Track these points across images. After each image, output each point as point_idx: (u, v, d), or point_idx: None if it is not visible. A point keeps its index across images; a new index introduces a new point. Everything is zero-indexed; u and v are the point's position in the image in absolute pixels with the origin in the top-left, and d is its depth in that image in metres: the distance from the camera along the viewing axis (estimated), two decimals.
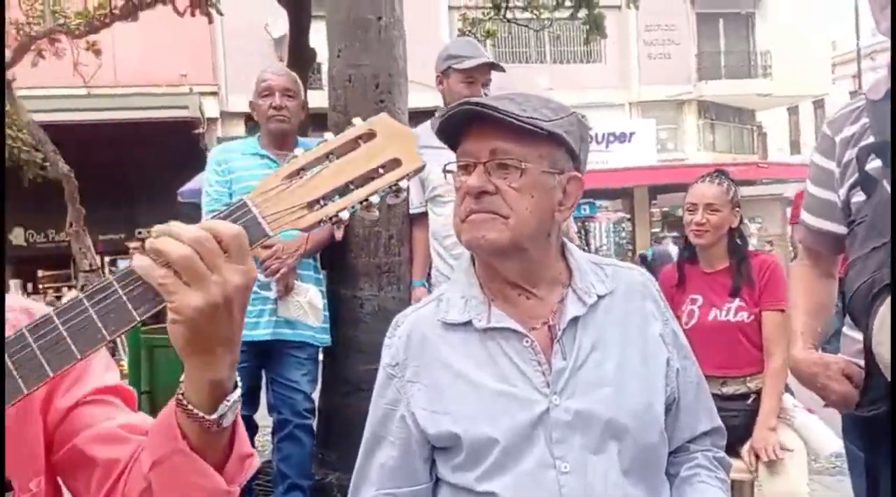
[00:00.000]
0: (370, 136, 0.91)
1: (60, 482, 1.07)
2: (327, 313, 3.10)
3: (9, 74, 8.35)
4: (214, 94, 15.35)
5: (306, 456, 3.01)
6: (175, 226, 0.82)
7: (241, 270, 0.82)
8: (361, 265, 3.24)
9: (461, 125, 1.31)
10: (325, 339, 3.09)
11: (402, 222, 3.23)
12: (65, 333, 0.83)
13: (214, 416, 0.86)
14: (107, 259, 13.76)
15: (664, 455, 1.35)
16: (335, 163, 0.89)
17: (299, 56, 8.25)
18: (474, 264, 1.39)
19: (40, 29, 9.37)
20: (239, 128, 15.40)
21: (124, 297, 0.83)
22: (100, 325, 0.83)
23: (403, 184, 0.92)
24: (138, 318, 0.85)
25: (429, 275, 3.19)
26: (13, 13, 10.13)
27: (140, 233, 14.08)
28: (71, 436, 1.01)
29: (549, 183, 1.29)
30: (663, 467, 1.35)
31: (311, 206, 0.88)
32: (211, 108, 15.05)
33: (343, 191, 0.89)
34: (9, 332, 0.92)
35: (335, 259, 3.27)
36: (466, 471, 1.28)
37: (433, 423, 1.29)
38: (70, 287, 13.36)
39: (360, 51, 3.22)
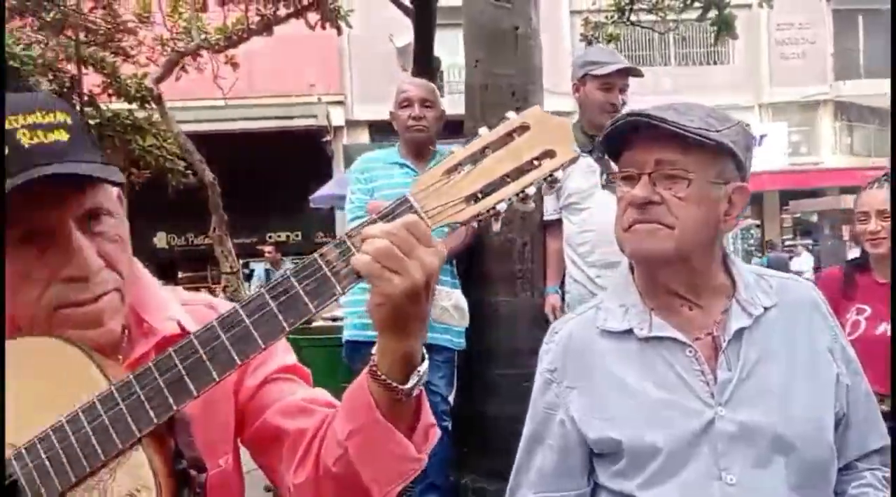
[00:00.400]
0: (524, 129, 0.94)
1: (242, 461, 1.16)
2: None
3: (158, 89, 8.94)
4: (341, 103, 15.84)
5: (443, 457, 3.07)
6: (369, 228, 0.90)
7: (433, 252, 0.90)
8: (496, 271, 3.30)
9: (623, 135, 1.33)
10: (462, 342, 3.15)
11: (537, 229, 3.26)
12: (250, 325, 0.92)
13: (407, 386, 0.93)
14: (240, 262, 14.46)
15: (834, 472, 1.31)
16: (491, 157, 0.93)
17: (424, 64, 8.43)
18: (633, 272, 1.41)
19: (184, 45, 9.98)
20: (363, 136, 15.86)
21: (301, 292, 0.91)
22: (280, 317, 0.92)
23: (559, 175, 0.94)
24: (314, 311, 0.93)
25: (562, 282, 3.21)
26: (157, 29, 10.84)
27: (270, 237, 14.72)
28: (260, 412, 1.11)
29: (716, 193, 1.29)
30: (832, 485, 1.32)
31: (469, 199, 0.92)
32: (337, 117, 15.55)
33: (499, 184, 0.93)
34: (197, 325, 1.03)
35: (470, 266, 3.34)
36: (627, 478, 1.29)
37: (593, 428, 1.32)
38: (207, 288, 14.13)
39: (497, 60, 3.28)
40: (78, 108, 9.82)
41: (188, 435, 0.98)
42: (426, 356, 0.97)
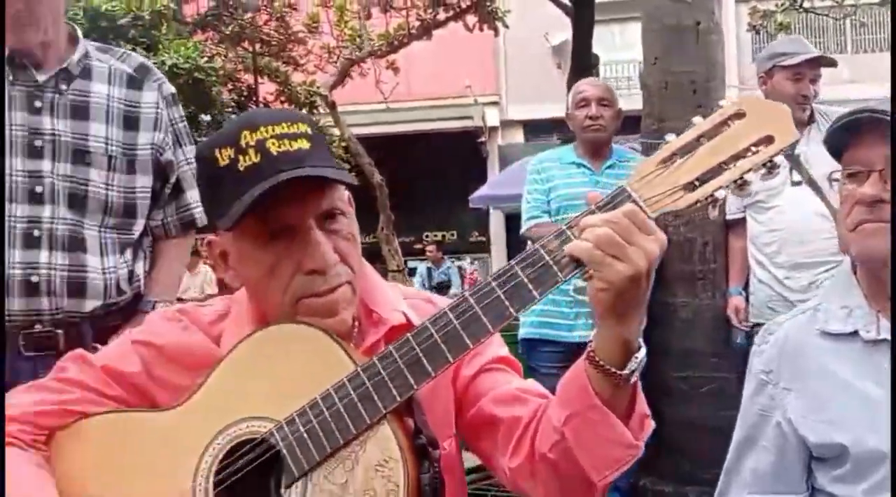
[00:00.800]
0: (739, 115, 0.94)
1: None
2: None
3: (331, 95, 9.42)
4: (496, 103, 15.95)
5: None
6: (588, 217, 0.95)
7: (653, 239, 0.92)
8: (676, 271, 3.23)
9: (847, 132, 1.29)
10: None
11: (718, 228, 3.17)
12: (479, 311, 0.98)
13: (626, 372, 0.96)
14: None
15: None
16: (706, 145, 0.94)
17: (581, 62, 8.35)
18: (855, 273, 1.36)
19: (349, 52, 10.44)
20: (518, 135, 15.90)
21: (525, 279, 0.96)
22: (506, 303, 0.97)
23: (779, 160, 0.94)
24: (538, 297, 0.98)
25: (746, 283, 3.11)
26: (325, 38, 11.39)
27: (427, 236, 15.06)
28: (476, 399, 1.16)
29: None
30: None
31: (686, 187, 0.94)
32: (492, 117, 15.67)
33: (717, 171, 0.94)
34: (418, 317, 1.11)
35: None
36: (850, 483, 1.25)
37: (815, 432, 1.29)
38: None
39: (677, 57, 3.21)
40: None
41: (423, 414, 1.06)
42: (643, 344, 0.99)
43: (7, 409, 1.13)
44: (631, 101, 3.37)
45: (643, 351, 0.99)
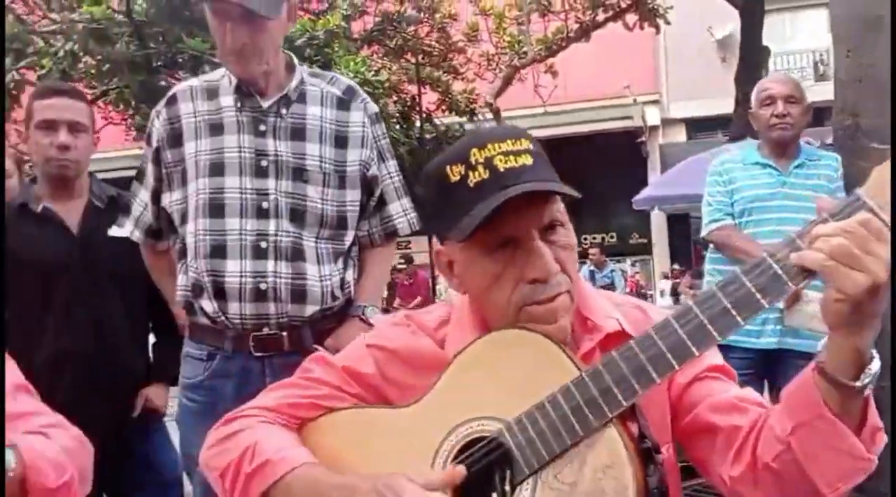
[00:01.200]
0: None
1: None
2: None
3: (495, 103, 9.58)
4: (656, 102, 15.55)
5: None
6: (820, 226, 0.94)
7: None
8: None
9: None
10: None
11: None
12: (704, 320, 1.00)
13: (858, 384, 0.94)
14: None
15: None
16: None
17: (751, 56, 8.01)
18: None
19: (508, 59, 10.55)
20: (680, 134, 15.42)
21: (752, 289, 0.97)
22: (733, 312, 0.98)
23: None
24: (766, 305, 0.98)
25: None
26: (484, 46, 11.56)
27: (586, 238, 14.91)
28: (692, 407, 1.17)
29: None
30: None
31: None
32: (652, 117, 15.30)
33: None
34: (630, 324, 1.14)
35: None
36: None
37: None
38: None
39: (873, 49, 3.02)
40: (418, 124, 10.85)
41: (645, 419, 1.09)
42: (876, 355, 0.97)
43: (262, 401, 1.28)
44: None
45: (877, 362, 0.96)
